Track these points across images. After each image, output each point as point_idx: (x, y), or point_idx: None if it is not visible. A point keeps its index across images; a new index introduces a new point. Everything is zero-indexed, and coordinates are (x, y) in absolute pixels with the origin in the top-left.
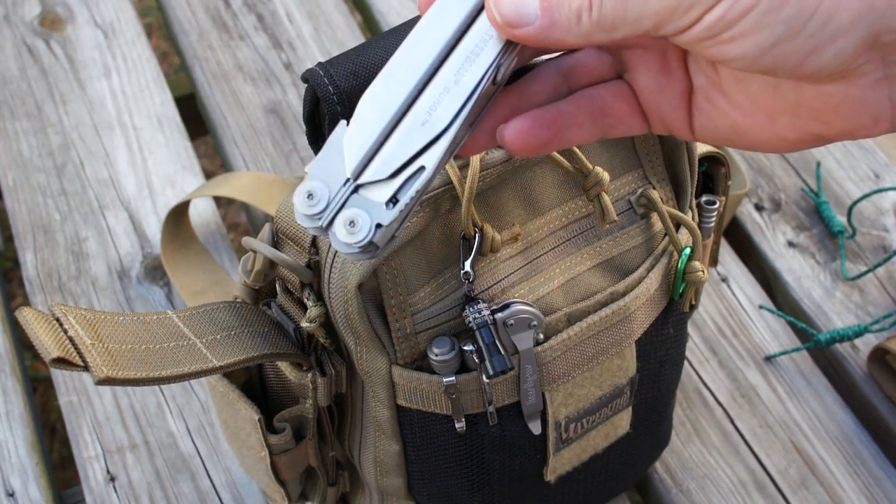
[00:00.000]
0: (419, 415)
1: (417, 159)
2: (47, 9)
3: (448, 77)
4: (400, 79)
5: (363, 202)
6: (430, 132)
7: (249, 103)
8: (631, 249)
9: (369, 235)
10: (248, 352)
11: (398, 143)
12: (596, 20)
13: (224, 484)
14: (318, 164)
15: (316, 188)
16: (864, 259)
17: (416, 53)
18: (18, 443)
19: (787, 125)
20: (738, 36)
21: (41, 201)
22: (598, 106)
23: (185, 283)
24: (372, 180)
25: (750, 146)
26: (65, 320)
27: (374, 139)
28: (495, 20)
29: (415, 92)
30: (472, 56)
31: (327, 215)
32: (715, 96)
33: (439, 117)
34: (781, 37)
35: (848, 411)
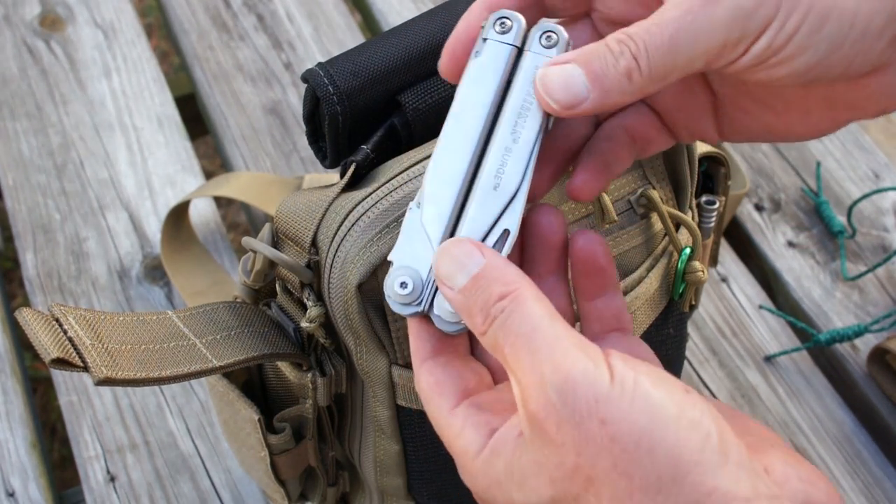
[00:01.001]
0: (419, 415)
1: (498, 223)
2: (47, 9)
3: (506, 136)
4: (457, 149)
5: None
6: (504, 195)
7: (249, 103)
8: (631, 249)
9: None
10: (248, 352)
11: (476, 212)
12: (647, 75)
13: (224, 484)
14: (400, 250)
15: (408, 276)
16: (864, 259)
17: (465, 120)
18: (18, 443)
19: (821, 117)
20: (784, 60)
21: (41, 201)
22: (630, 135)
23: (185, 283)
24: None
25: (783, 140)
26: (64, 321)
27: (449, 214)
28: (550, 107)
29: (475, 158)
30: (524, 111)
31: (426, 299)
32: (744, 103)
33: (509, 179)
34: (825, 53)
35: (848, 411)
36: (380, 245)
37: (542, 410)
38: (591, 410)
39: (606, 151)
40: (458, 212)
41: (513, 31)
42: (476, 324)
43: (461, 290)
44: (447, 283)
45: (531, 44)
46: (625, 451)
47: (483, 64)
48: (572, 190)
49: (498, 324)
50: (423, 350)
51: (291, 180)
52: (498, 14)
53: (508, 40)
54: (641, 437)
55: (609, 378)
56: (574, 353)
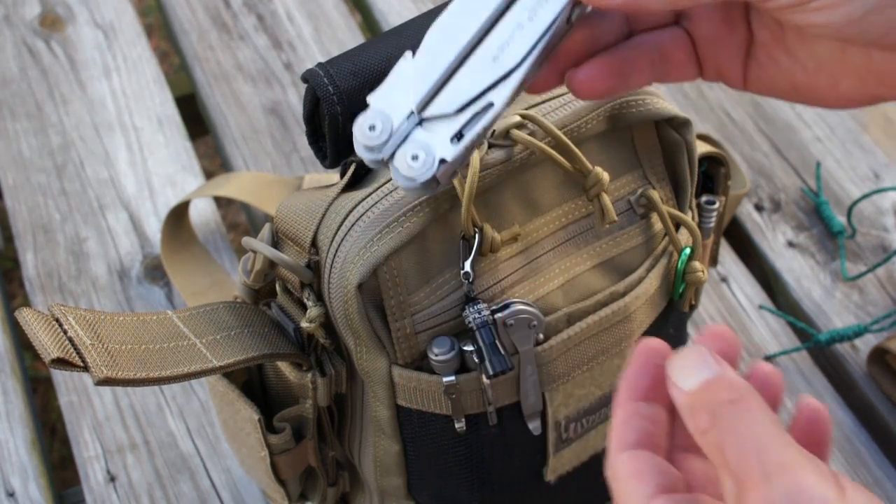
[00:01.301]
0: (419, 415)
1: (486, 95)
2: (47, 9)
3: (522, 13)
4: (472, 10)
5: (427, 136)
6: (500, 68)
7: (249, 103)
8: (631, 249)
9: (432, 170)
10: (248, 352)
11: (467, 77)
12: None
13: (224, 484)
14: (380, 93)
15: (378, 119)
16: (864, 259)
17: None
18: (18, 443)
19: (850, 87)
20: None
21: (41, 201)
22: (658, 52)
23: (185, 283)
24: (437, 115)
25: (806, 102)
26: (64, 321)
27: (441, 71)
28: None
29: (487, 25)
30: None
31: (389, 148)
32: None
33: (511, 53)
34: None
35: (848, 411)
36: (380, 245)
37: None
38: None
39: (627, 58)
40: (452, 72)
41: None
42: (699, 422)
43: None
44: (678, 383)
45: None
46: None
47: None
48: (572, 80)
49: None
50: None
51: (291, 180)
52: None
53: None
54: None
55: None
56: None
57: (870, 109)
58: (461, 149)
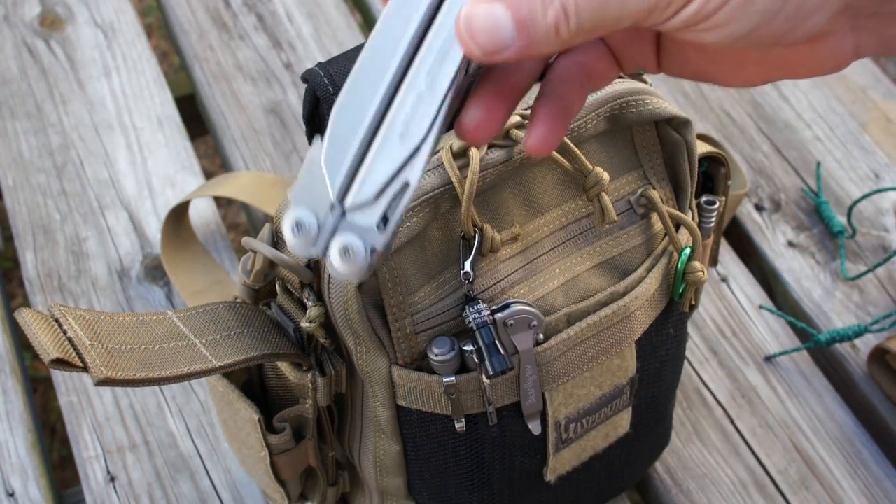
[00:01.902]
0: (419, 415)
1: (400, 175)
2: (47, 9)
3: (419, 80)
4: (369, 86)
5: (353, 227)
6: (408, 145)
7: (249, 103)
8: (631, 249)
9: (366, 262)
10: (248, 352)
11: (378, 159)
12: (575, 29)
13: (224, 484)
14: (300, 188)
15: (303, 217)
16: (864, 259)
17: (381, 56)
18: (18, 443)
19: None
20: (713, 26)
21: (41, 201)
22: (585, 72)
23: (185, 283)
24: (358, 203)
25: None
26: (64, 321)
27: (351, 157)
28: (472, 51)
29: (386, 99)
30: (441, 55)
31: (321, 243)
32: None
33: (416, 128)
34: (756, 25)
35: (848, 411)
36: None
37: None
38: None
39: (562, 96)
40: (363, 154)
41: None
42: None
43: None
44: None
45: None
46: None
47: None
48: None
49: None
50: None
51: (291, 180)
52: None
53: None
54: None
55: None
56: None
57: (870, 109)
58: (389, 234)
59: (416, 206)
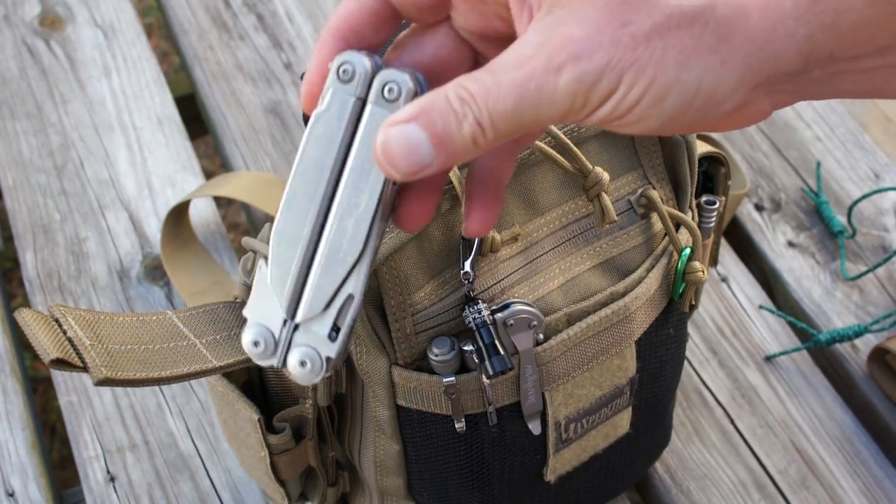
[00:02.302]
0: (419, 415)
1: (343, 288)
2: (47, 9)
3: (347, 201)
4: (300, 210)
5: (307, 338)
6: (347, 261)
7: (249, 103)
8: (631, 249)
9: (322, 370)
10: None
11: (321, 277)
12: (492, 139)
13: (224, 484)
14: (253, 307)
15: (259, 335)
16: (864, 259)
17: (308, 180)
18: (18, 443)
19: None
20: (628, 124)
21: (41, 201)
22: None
23: (185, 283)
24: (308, 317)
25: None
26: (64, 321)
27: (294, 276)
28: (393, 175)
29: (319, 220)
30: (365, 172)
31: (279, 355)
32: None
33: (351, 245)
34: (669, 118)
35: (848, 411)
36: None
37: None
38: None
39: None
40: (306, 272)
41: (355, 80)
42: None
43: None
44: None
45: (374, 95)
46: None
47: (327, 119)
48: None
49: None
50: None
51: None
52: (340, 60)
53: (350, 91)
54: None
55: None
56: None
57: (870, 109)
58: (341, 341)
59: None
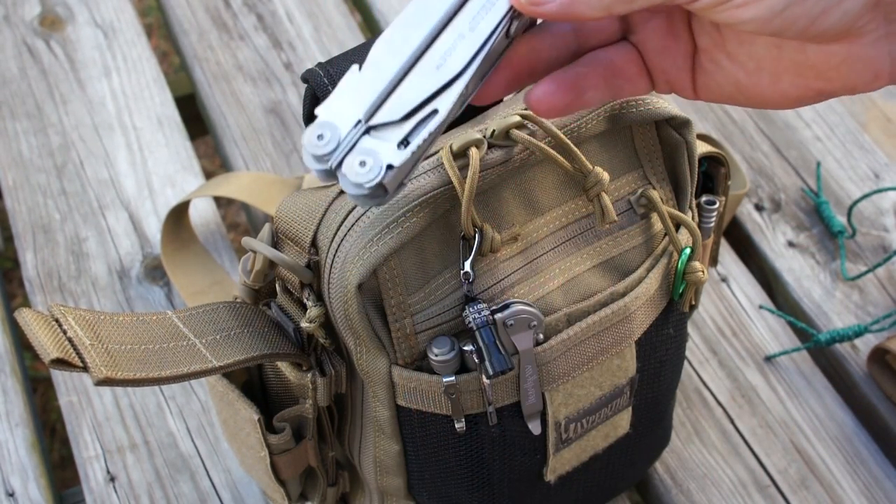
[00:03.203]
0: (419, 415)
1: (431, 102)
2: (47, 9)
3: (463, 25)
4: (415, 24)
5: (374, 143)
6: (444, 76)
7: (249, 103)
8: (631, 249)
9: (380, 176)
10: (248, 352)
11: (412, 85)
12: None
13: (224, 484)
14: (328, 106)
15: (326, 129)
16: (864, 259)
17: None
18: (18, 443)
19: (791, 83)
20: (749, 1)
21: (41, 201)
22: (610, 68)
23: (185, 283)
24: (384, 122)
25: (753, 104)
26: (64, 321)
27: (387, 81)
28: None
29: (430, 37)
30: (488, 5)
31: (337, 156)
32: (719, 57)
33: (454, 62)
34: (791, 0)
35: (848, 411)
36: (380, 245)
37: None
38: None
39: (580, 74)
40: (397, 82)
41: None
42: None
43: None
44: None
45: None
46: None
47: None
48: (531, 97)
49: None
50: None
51: (291, 180)
52: None
53: None
54: None
55: None
56: None
57: (870, 109)
58: (408, 154)
59: (416, 206)
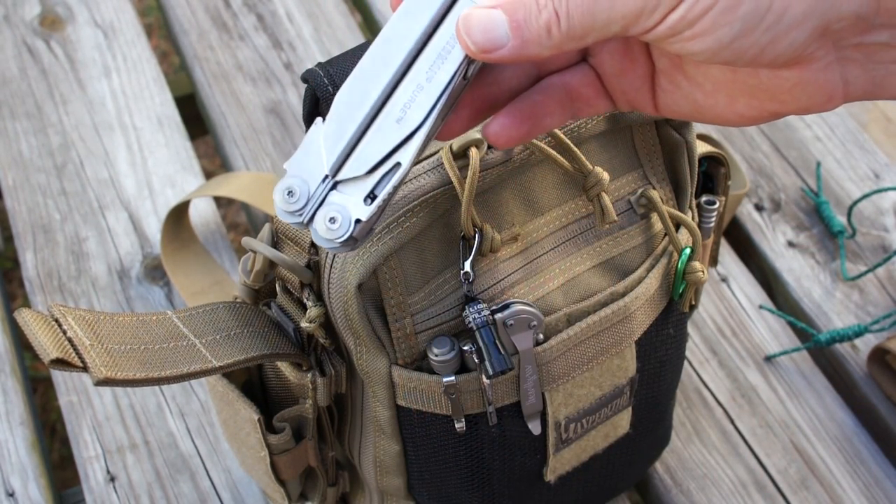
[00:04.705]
0: (419, 415)
1: (393, 156)
2: (47, 9)
3: (420, 75)
4: (373, 76)
5: (342, 198)
6: (404, 129)
7: (249, 103)
8: (631, 249)
9: (349, 231)
10: (248, 352)
11: (374, 140)
12: (566, 32)
13: (224, 484)
14: (296, 161)
15: (295, 185)
16: (864, 259)
17: (388, 51)
18: (18, 443)
19: (746, 104)
20: (698, 34)
21: (41, 201)
22: (567, 92)
23: (185, 283)
24: (349, 177)
25: (711, 122)
26: (63, 321)
27: (350, 136)
28: (468, 48)
29: (388, 89)
30: (444, 54)
31: (308, 211)
32: (677, 78)
33: (413, 115)
34: (739, 33)
35: (848, 411)
36: (380, 245)
37: None
38: None
39: (538, 103)
40: (360, 136)
41: None
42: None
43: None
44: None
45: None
46: None
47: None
48: (489, 131)
49: None
50: None
51: None
52: None
53: None
54: None
55: None
56: None
57: (870, 109)
58: (374, 208)
59: (416, 206)
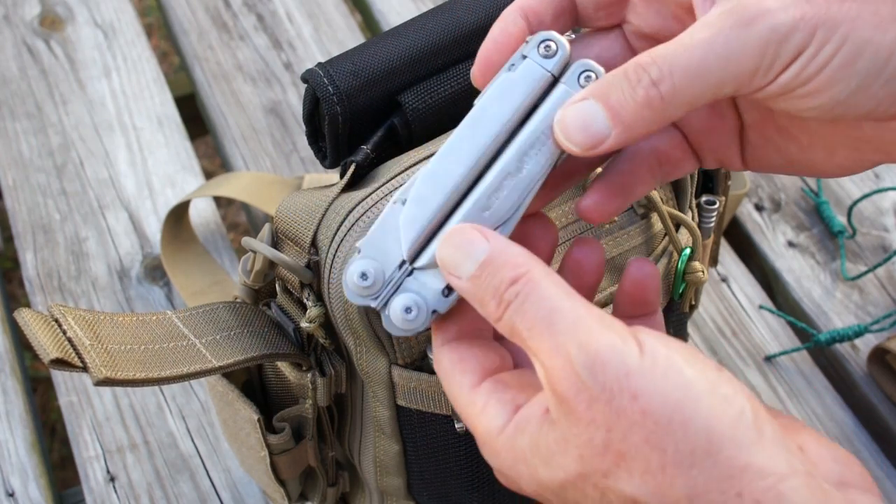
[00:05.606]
0: (419, 415)
1: None
2: (47, 9)
3: (511, 162)
4: (461, 158)
5: (418, 287)
6: (492, 221)
7: (249, 103)
8: (631, 249)
9: (426, 324)
10: (248, 352)
11: None
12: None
13: (224, 484)
14: (370, 241)
15: (370, 268)
16: (864, 259)
17: (477, 131)
18: (18, 443)
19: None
20: (813, 91)
21: (41, 201)
22: (656, 158)
23: (185, 283)
24: (428, 265)
25: (806, 174)
26: (63, 321)
27: (430, 220)
28: (571, 150)
29: (475, 173)
30: (538, 143)
31: (383, 297)
32: (769, 132)
33: (502, 206)
34: (856, 88)
35: (848, 411)
36: None
37: (570, 390)
38: (621, 386)
39: (627, 173)
40: (442, 222)
41: (555, 58)
42: (490, 311)
43: (470, 279)
44: (454, 272)
45: (568, 77)
46: (657, 424)
47: (514, 80)
48: (582, 211)
49: (513, 309)
50: (446, 333)
51: (291, 180)
52: (545, 36)
53: (548, 66)
54: (675, 411)
55: (638, 352)
56: (598, 329)
57: None
58: (452, 301)
59: None
